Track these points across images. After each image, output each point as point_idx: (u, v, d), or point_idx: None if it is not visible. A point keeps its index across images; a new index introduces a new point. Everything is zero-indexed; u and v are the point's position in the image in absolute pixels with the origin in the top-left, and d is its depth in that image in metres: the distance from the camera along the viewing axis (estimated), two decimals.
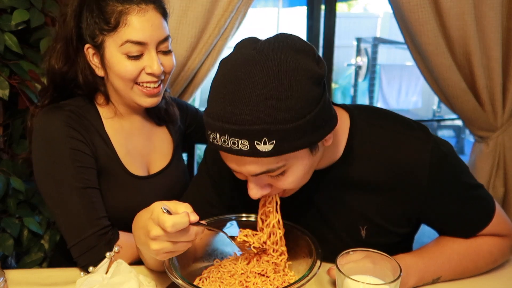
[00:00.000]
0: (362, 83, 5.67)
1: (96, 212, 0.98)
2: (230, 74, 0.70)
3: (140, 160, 1.13)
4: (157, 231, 0.69)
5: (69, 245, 0.97)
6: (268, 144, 0.68)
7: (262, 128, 0.67)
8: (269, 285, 0.80)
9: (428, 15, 1.49)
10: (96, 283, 0.88)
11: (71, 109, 1.02)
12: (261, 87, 0.67)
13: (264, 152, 0.69)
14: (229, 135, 0.69)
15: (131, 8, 0.97)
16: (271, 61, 0.69)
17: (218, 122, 0.69)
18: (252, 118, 0.67)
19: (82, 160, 0.99)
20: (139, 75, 1.00)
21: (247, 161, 0.72)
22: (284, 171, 0.75)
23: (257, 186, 0.78)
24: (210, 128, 0.72)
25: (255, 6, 1.81)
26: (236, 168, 0.76)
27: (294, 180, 0.77)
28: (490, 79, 1.59)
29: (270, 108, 0.67)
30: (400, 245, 0.97)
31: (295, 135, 0.69)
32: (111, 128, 1.08)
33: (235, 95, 0.68)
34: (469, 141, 5.26)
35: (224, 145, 0.70)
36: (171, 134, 1.23)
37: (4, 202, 1.38)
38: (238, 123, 0.67)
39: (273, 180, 0.77)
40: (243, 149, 0.69)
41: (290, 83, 0.68)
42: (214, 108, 0.71)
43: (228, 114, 0.68)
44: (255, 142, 0.68)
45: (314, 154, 0.77)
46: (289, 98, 0.67)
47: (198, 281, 0.84)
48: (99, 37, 0.98)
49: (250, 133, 0.67)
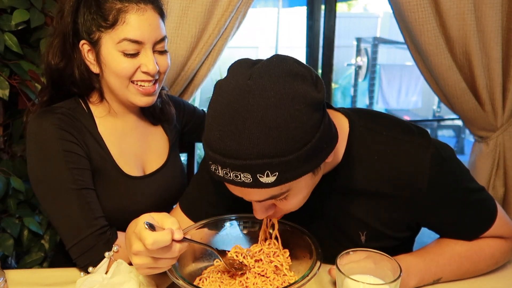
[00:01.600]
0: (362, 83, 5.67)
1: (92, 213, 0.98)
2: (227, 106, 0.68)
3: (134, 160, 1.13)
4: (138, 246, 0.70)
5: (68, 246, 0.97)
6: (271, 176, 0.68)
7: (264, 162, 0.66)
8: (269, 285, 0.80)
9: (428, 15, 1.49)
10: (96, 283, 0.88)
11: (62, 112, 1.01)
12: (260, 119, 0.66)
13: (267, 184, 0.69)
14: (230, 169, 0.68)
15: (130, 7, 0.97)
16: (268, 91, 0.67)
17: (219, 156, 0.69)
18: (253, 152, 0.66)
19: (75, 161, 0.99)
20: (134, 73, 1.00)
21: (250, 191, 0.72)
22: (287, 196, 0.75)
23: (262, 209, 0.80)
24: (211, 160, 0.71)
25: (255, 6, 1.81)
26: (240, 195, 0.77)
27: (298, 201, 0.79)
28: (490, 79, 1.58)
29: (271, 141, 0.66)
30: (400, 248, 0.96)
31: (297, 164, 0.69)
32: (104, 128, 1.08)
33: (234, 129, 0.67)
34: (469, 141, 5.25)
35: (226, 177, 0.70)
36: (166, 133, 1.23)
37: (4, 202, 1.38)
38: (240, 158, 0.67)
39: (278, 202, 0.78)
40: (246, 182, 0.69)
41: (290, 113, 0.66)
42: (214, 141, 0.69)
43: (228, 148, 0.67)
44: (257, 175, 0.68)
45: (316, 174, 0.77)
46: (289, 129, 0.66)
47: (198, 281, 0.84)
48: (96, 33, 0.98)
49: (252, 167, 0.67)
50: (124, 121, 1.12)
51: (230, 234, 0.92)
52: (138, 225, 0.70)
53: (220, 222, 0.91)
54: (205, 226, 0.90)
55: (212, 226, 0.91)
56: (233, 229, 0.92)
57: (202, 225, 0.89)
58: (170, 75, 1.53)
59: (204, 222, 0.90)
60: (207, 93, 5.76)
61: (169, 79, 1.54)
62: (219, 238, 0.91)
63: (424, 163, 0.85)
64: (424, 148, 0.86)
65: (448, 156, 0.88)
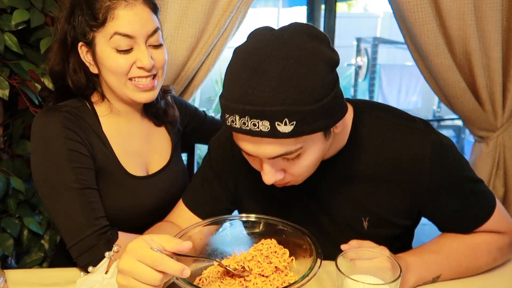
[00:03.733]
0: (362, 83, 5.67)
1: (94, 212, 0.98)
2: (249, 59, 0.71)
3: (138, 160, 1.13)
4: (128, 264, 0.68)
5: (68, 245, 0.97)
6: (288, 125, 0.70)
7: (283, 109, 0.69)
8: (269, 285, 0.80)
9: (428, 15, 1.49)
10: (96, 283, 0.88)
11: (67, 110, 1.02)
12: (280, 70, 0.69)
13: (284, 133, 0.70)
14: (249, 117, 0.70)
15: (118, 3, 0.98)
16: (290, 45, 0.70)
17: (239, 104, 0.70)
18: (274, 99, 0.68)
19: (79, 160, 0.99)
20: (130, 70, 1.00)
21: (266, 142, 0.73)
22: (300, 155, 0.76)
23: (272, 170, 0.79)
24: (228, 111, 0.73)
25: (255, 6, 1.81)
26: (253, 151, 0.76)
27: (308, 164, 0.79)
28: (490, 79, 1.58)
29: (290, 90, 0.68)
30: (400, 238, 0.98)
31: (313, 117, 0.71)
32: (109, 128, 1.08)
33: (256, 78, 0.69)
34: (469, 141, 5.25)
35: (243, 127, 0.71)
36: (169, 134, 1.23)
37: (4, 202, 1.38)
38: (260, 104, 0.69)
39: (288, 165, 0.79)
40: (263, 131, 0.70)
41: (309, 66, 0.70)
42: (234, 91, 0.72)
43: (249, 96, 0.69)
44: (276, 123, 0.69)
45: (327, 139, 0.79)
46: (309, 81, 0.69)
47: (198, 281, 0.83)
48: (90, 34, 0.99)
49: (272, 114, 0.69)
50: (128, 121, 1.13)
51: (230, 234, 0.92)
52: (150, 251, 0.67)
53: (220, 222, 0.91)
54: (205, 226, 0.89)
55: (212, 226, 0.90)
56: (233, 229, 0.92)
57: (202, 225, 0.89)
58: (170, 75, 1.53)
59: (204, 222, 0.90)
60: (207, 93, 5.75)
61: (169, 79, 1.54)
62: (219, 238, 0.91)
63: (426, 148, 0.87)
64: (426, 134, 0.88)
65: (449, 144, 0.90)
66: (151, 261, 0.67)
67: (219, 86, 5.38)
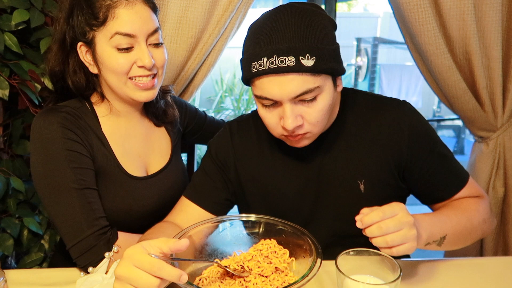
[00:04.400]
0: (362, 83, 5.68)
1: (94, 213, 0.98)
2: (267, 21, 0.87)
3: (138, 161, 1.13)
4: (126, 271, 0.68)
5: (68, 246, 0.97)
6: (310, 60, 0.84)
7: (305, 45, 0.83)
8: (269, 285, 0.80)
9: (428, 15, 1.49)
10: (96, 283, 0.88)
11: (67, 111, 1.02)
12: (299, 19, 0.85)
13: (307, 67, 0.83)
14: (277, 55, 0.83)
15: (119, 2, 0.98)
16: (299, 8, 0.88)
17: (266, 46, 0.84)
18: (297, 36, 0.83)
19: (78, 161, 0.99)
20: (130, 69, 1.01)
21: (290, 80, 0.84)
22: (315, 98, 0.88)
23: (293, 115, 0.88)
24: (255, 58, 0.85)
25: (255, 6, 1.81)
26: (277, 92, 0.86)
27: (322, 109, 0.90)
28: (490, 79, 1.58)
29: (310, 31, 0.84)
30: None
31: (328, 57, 0.86)
32: (108, 128, 1.08)
33: (277, 26, 0.85)
34: (469, 141, 5.26)
35: (271, 66, 0.84)
36: (169, 135, 1.23)
37: (4, 202, 1.38)
38: (286, 42, 0.83)
39: (305, 109, 0.89)
40: (290, 65, 0.83)
41: (319, 20, 0.87)
42: (259, 40, 0.86)
43: (275, 38, 0.84)
44: (300, 58, 0.83)
45: (334, 90, 0.93)
46: (322, 27, 0.86)
47: (198, 281, 0.83)
48: (90, 33, 0.99)
49: (296, 50, 0.83)
50: (128, 121, 1.13)
51: (230, 234, 0.92)
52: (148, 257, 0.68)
53: (220, 222, 0.91)
54: (205, 226, 0.89)
55: (212, 226, 0.91)
56: (233, 229, 0.92)
57: (202, 224, 0.89)
58: (170, 75, 1.53)
59: (204, 222, 0.90)
60: (207, 93, 5.76)
61: (169, 79, 1.54)
62: (219, 238, 0.91)
63: (405, 113, 1.01)
64: (403, 102, 1.05)
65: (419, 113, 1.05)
66: (148, 267, 0.67)
67: (219, 86, 5.39)
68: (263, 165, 1.08)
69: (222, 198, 1.09)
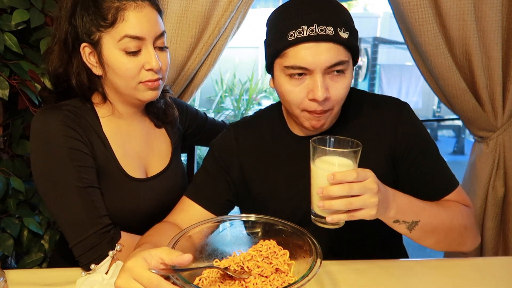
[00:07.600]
0: (362, 83, 5.68)
1: (97, 211, 0.98)
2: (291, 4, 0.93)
3: (138, 162, 1.13)
4: None
5: (71, 244, 0.97)
6: (345, 33, 0.90)
7: (341, 19, 0.90)
8: (269, 285, 0.80)
9: (428, 15, 1.49)
10: (96, 283, 0.88)
11: (68, 109, 1.01)
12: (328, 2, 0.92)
13: (343, 39, 0.89)
14: (317, 24, 0.88)
15: (128, 4, 0.98)
16: None
17: (306, 15, 0.89)
18: (335, 10, 0.91)
19: (80, 159, 0.99)
20: (139, 74, 1.00)
21: (327, 49, 0.89)
22: (343, 72, 0.93)
23: (323, 86, 0.91)
24: (294, 26, 0.89)
25: (255, 6, 1.81)
26: (311, 61, 0.89)
27: (347, 86, 0.95)
28: (490, 79, 1.58)
29: (343, 9, 0.93)
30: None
31: (355, 36, 0.94)
32: (109, 129, 1.08)
33: (315, 1, 0.91)
34: (469, 141, 5.26)
35: (312, 34, 0.88)
36: (169, 136, 1.23)
37: (4, 202, 1.38)
38: (325, 12, 0.89)
39: (332, 84, 0.93)
40: (329, 34, 0.88)
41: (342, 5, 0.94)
42: (298, 12, 0.90)
43: (314, 9, 0.90)
44: (337, 29, 0.89)
45: (352, 75, 0.97)
46: (347, 10, 0.94)
47: (198, 281, 0.83)
48: (96, 34, 0.99)
49: (335, 21, 0.89)
50: (128, 123, 1.12)
51: (230, 234, 0.92)
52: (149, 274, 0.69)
53: (220, 222, 0.91)
54: (205, 226, 0.89)
55: (212, 226, 0.91)
56: (233, 229, 0.92)
57: (202, 224, 0.89)
58: (170, 75, 1.53)
59: (204, 222, 0.90)
60: (207, 93, 5.76)
61: (169, 79, 1.54)
62: (219, 238, 0.91)
63: (402, 113, 1.05)
64: (403, 103, 1.08)
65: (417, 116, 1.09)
66: (147, 283, 0.68)
67: (219, 86, 5.38)
68: (268, 165, 1.08)
69: (224, 198, 1.09)
